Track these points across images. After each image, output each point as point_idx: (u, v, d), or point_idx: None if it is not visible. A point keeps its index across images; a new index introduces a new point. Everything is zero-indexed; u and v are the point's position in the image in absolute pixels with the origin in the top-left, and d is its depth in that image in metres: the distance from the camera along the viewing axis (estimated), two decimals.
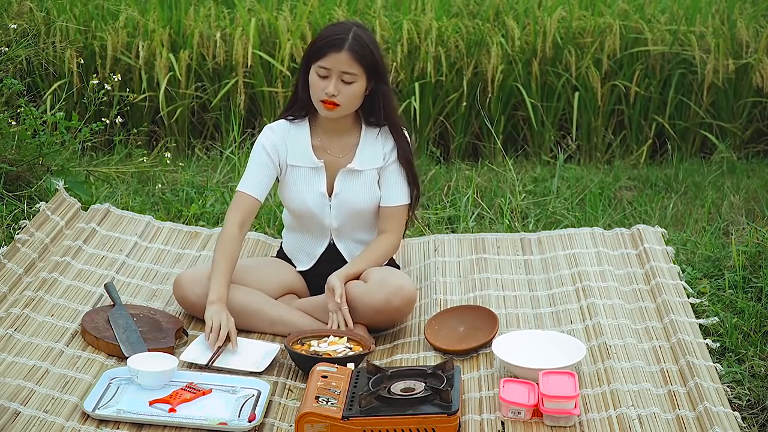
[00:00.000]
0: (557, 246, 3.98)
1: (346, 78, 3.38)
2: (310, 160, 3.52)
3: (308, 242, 3.60)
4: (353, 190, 3.52)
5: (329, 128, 3.52)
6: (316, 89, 3.41)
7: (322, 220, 3.54)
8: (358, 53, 3.38)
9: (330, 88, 3.38)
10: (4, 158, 4.26)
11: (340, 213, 3.53)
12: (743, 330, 3.50)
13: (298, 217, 3.57)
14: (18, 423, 2.89)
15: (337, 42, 3.37)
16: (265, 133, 3.54)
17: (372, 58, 3.40)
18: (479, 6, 6.29)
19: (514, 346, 3.23)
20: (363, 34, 3.41)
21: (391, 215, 3.54)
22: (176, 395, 3.06)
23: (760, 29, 6.10)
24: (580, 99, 6.02)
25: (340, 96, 3.40)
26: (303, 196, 3.52)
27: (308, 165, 3.52)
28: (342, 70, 3.37)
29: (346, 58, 3.37)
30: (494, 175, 5.39)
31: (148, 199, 4.75)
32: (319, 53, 3.39)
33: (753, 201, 5.14)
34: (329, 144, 3.53)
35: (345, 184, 3.52)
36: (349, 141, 3.54)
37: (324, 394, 2.95)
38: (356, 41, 3.38)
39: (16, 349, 3.22)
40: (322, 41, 3.39)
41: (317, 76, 3.40)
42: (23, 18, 5.52)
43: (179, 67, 5.79)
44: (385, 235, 3.54)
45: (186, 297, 3.50)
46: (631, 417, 2.93)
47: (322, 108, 3.43)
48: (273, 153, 3.51)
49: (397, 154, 3.53)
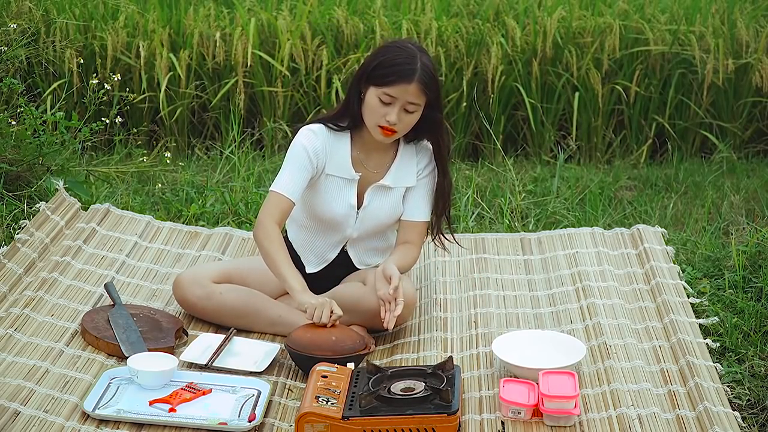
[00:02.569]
0: (557, 246, 3.98)
1: (410, 108, 3.32)
2: (347, 172, 3.46)
3: (322, 246, 3.57)
4: (381, 205, 3.50)
5: (371, 143, 3.47)
6: (375, 114, 3.33)
7: (344, 230, 3.51)
8: (427, 85, 3.30)
9: (392, 117, 3.31)
10: (4, 158, 4.26)
11: (364, 225, 3.51)
12: (743, 330, 3.50)
13: (320, 223, 3.53)
14: (18, 423, 2.89)
15: (408, 72, 3.28)
16: (306, 135, 3.43)
17: (437, 89, 3.35)
18: (479, 6, 6.29)
19: (514, 346, 3.23)
20: (429, 63, 3.32)
21: (413, 229, 3.52)
22: (176, 395, 3.06)
23: (760, 29, 6.10)
24: (580, 99, 6.02)
25: (400, 124, 3.34)
26: (332, 206, 3.47)
27: (345, 176, 3.46)
28: (408, 100, 3.30)
29: (415, 90, 3.29)
30: (494, 175, 5.39)
31: (148, 199, 4.75)
32: (386, 80, 3.29)
33: (753, 201, 5.14)
34: (366, 158, 3.49)
35: (374, 199, 3.49)
36: (385, 158, 3.50)
37: (324, 394, 2.95)
38: (425, 72, 3.30)
39: (16, 349, 3.22)
40: (391, 68, 3.29)
41: (379, 101, 3.32)
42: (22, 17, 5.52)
43: (179, 67, 5.79)
44: (410, 246, 3.50)
45: (186, 298, 3.50)
46: (631, 417, 2.93)
47: (378, 133, 3.36)
48: (314, 157, 3.42)
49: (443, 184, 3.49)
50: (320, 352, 3.21)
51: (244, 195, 4.70)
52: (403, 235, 3.53)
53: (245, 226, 4.37)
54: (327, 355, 3.20)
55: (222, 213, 4.55)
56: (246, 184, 4.85)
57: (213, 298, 3.47)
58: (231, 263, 3.63)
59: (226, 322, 3.48)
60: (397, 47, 3.35)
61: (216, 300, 3.47)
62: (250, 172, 5.07)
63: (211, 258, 3.92)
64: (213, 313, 3.48)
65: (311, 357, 3.19)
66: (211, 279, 3.50)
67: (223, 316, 3.48)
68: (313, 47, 5.94)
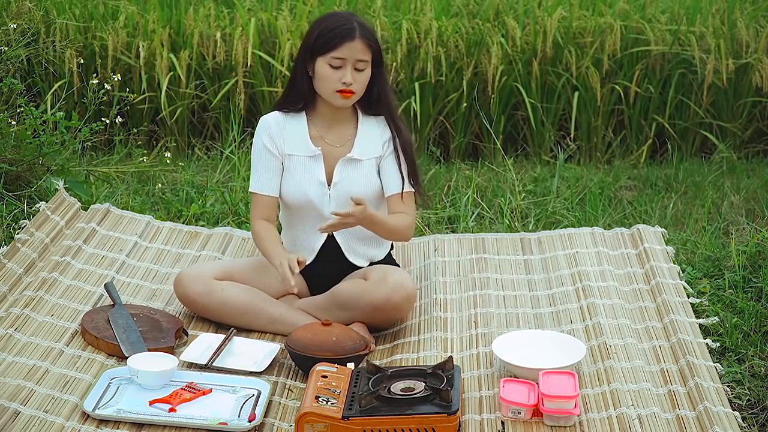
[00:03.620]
0: (557, 246, 3.98)
1: (360, 66, 3.42)
2: (307, 148, 3.52)
3: (307, 236, 3.57)
4: (353, 179, 3.52)
5: (328, 118, 3.53)
6: (330, 81, 3.42)
7: (321, 211, 3.52)
8: (369, 40, 3.42)
9: (348, 77, 3.40)
10: (4, 158, 4.26)
11: (340, 203, 3.51)
12: (743, 330, 3.50)
13: (297, 209, 3.55)
14: (18, 423, 2.89)
15: (349, 31, 3.40)
16: (260, 126, 3.55)
17: (377, 45, 3.46)
18: (479, 6, 6.28)
19: (514, 346, 3.23)
20: (364, 21, 3.47)
21: (399, 201, 3.53)
22: (176, 395, 3.06)
23: (760, 29, 6.10)
24: (580, 99, 6.02)
25: (355, 84, 3.42)
26: (302, 186, 3.51)
27: (306, 154, 3.52)
28: (357, 58, 3.40)
29: (360, 45, 3.40)
30: (494, 175, 5.39)
31: (148, 199, 4.75)
32: (331, 45, 3.40)
33: (753, 201, 5.14)
34: (326, 133, 3.54)
35: (345, 173, 3.52)
36: (346, 131, 3.55)
37: (324, 394, 2.95)
38: (364, 28, 3.43)
39: (16, 349, 3.22)
40: (332, 33, 3.40)
41: (330, 67, 3.41)
42: (22, 17, 5.51)
43: (179, 67, 5.79)
44: (401, 214, 3.53)
45: (187, 294, 3.50)
46: (631, 417, 2.93)
47: (338, 98, 3.44)
48: (272, 146, 3.52)
49: (399, 141, 3.54)
50: (320, 352, 3.21)
51: (244, 195, 4.70)
52: (393, 209, 3.55)
53: (245, 226, 4.37)
54: (327, 355, 3.20)
55: (222, 213, 4.55)
56: (246, 184, 4.84)
57: (214, 295, 3.47)
58: (232, 262, 3.64)
59: (226, 319, 3.48)
60: (330, 16, 3.49)
61: (217, 297, 3.47)
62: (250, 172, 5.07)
63: (211, 258, 3.92)
64: (214, 309, 3.48)
65: (311, 357, 3.19)
66: (213, 276, 3.50)
67: (223, 313, 3.48)
68: None
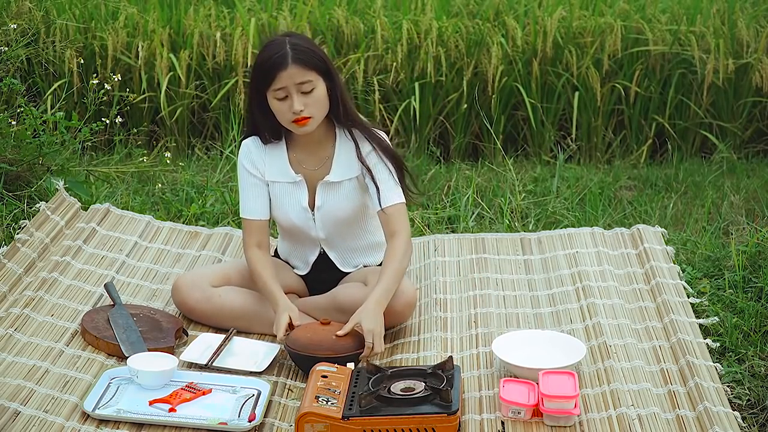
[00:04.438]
0: (557, 246, 3.98)
1: (305, 88, 3.31)
2: (288, 175, 3.49)
3: (300, 251, 3.60)
4: (334, 201, 3.49)
5: (304, 142, 3.48)
6: (282, 113, 3.35)
7: (308, 233, 3.53)
8: (303, 60, 3.30)
9: (296, 105, 3.31)
10: (4, 158, 4.26)
11: (325, 225, 3.51)
12: (743, 330, 3.50)
13: (286, 230, 3.57)
14: (18, 423, 2.89)
15: (280, 60, 3.29)
16: (243, 152, 3.50)
17: (318, 58, 3.33)
18: (479, 6, 6.29)
19: (514, 346, 3.23)
20: (299, 41, 3.34)
21: (391, 216, 3.44)
22: (176, 395, 3.06)
23: (760, 29, 6.10)
24: (580, 99, 6.02)
25: (308, 108, 3.33)
26: (287, 211, 3.50)
27: (287, 180, 3.49)
28: (297, 81, 3.30)
29: (295, 70, 3.30)
30: (494, 175, 5.39)
31: (148, 199, 4.75)
32: (268, 79, 3.31)
33: (753, 201, 5.14)
34: (305, 158, 3.49)
35: (326, 197, 3.48)
36: (323, 153, 3.49)
37: (324, 394, 2.95)
38: (296, 50, 3.30)
39: (16, 349, 3.22)
40: (265, 66, 3.31)
41: (276, 100, 3.34)
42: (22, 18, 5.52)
43: (179, 67, 5.79)
44: (394, 238, 3.42)
45: (185, 302, 3.50)
46: (631, 417, 2.93)
47: (296, 128, 3.36)
48: (254, 170, 3.48)
49: (376, 153, 3.45)
50: (321, 351, 3.21)
51: None
52: (386, 229, 3.46)
53: None
54: (327, 354, 3.20)
55: (222, 213, 4.56)
56: None
57: (212, 301, 3.47)
58: (230, 265, 3.63)
59: (225, 324, 3.48)
60: (265, 46, 3.37)
61: (215, 302, 3.47)
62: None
63: (211, 258, 3.92)
64: (212, 315, 3.48)
65: (311, 357, 3.19)
66: (210, 282, 3.50)
67: (222, 319, 3.48)
68: None
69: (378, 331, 3.24)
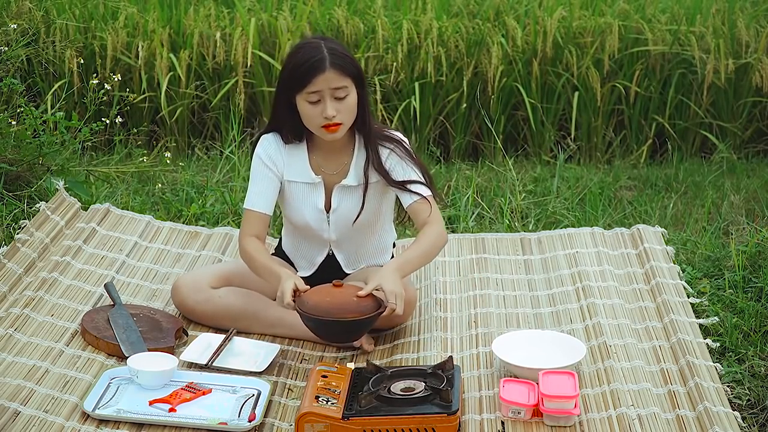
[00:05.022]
0: (557, 246, 3.98)
1: (339, 94, 3.29)
2: (308, 176, 3.46)
3: (308, 250, 3.59)
4: (349, 205, 3.47)
5: (326, 147, 3.45)
6: (312, 117, 3.31)
7: (320, 234, 3.52)
8: (341, 65, 3.28)
9: (329, 110, 3.28)
10: (4, 158, 4.26)
11: (339, 227, 3.50)
12: (743, 330, 3.50)
13: (298, 230, 3.55)
14: (18, 423, 2.89)
15: (318, 63, 3.26)
16: (261, 144, 3.46)
17: (354, 65, 3.32)
18: (479, 6, 6.29)
19: (514, 346, 3.23)
20: (336, 45, 3.32)
21: (421, 208, 3.40)
22: (176, 395, 3.06)
23: (760, 29, 6.10)
24: (580, 99, 6.02)
25: (340, 114, 3.30)
26: (302, 212, 3.48)
27: (306, 181, 3.46)
28: (333, 87, 3.27)
29: (333, 74, 3.27)
30: (494, 175, 5.39)
31: (148, 199, 4.75)
32: (303, 81, 3.27)
33: (753, 201, 5.14)
34: (324, 162, 3.47)
35: (341, 200, 3.47)
36: (342, 158, 3.47)
37: (324, 394, 2.95)
38: (334, 54, 3.28)
39: (16, 349, 3.22)
40: (302, 68, 3.27)
41: (308, 104, 3.30)
42: (22, 18, 5.52)
43: (179, 67, 5.79)
44: (429, 225, 3.39)
45: (184, 303, 3.49)
46: (631, 417, 2.93)
47: (324, 133, 3.33)
48: (272, 165, 3.45)
49: (396, 155, 3.44)
50: (348, 314, 3.14)
51: (244, 195, 4.70)
52: (418, 220, 3.43)
53: None
54: (354, 316, 3.14)
55: (222, 213, 4.56)
56: (246, 184, 4.85)
57: (212, 302, 3.46)
58: (230, 265, 3.62)
59: (225, 325, 3.48)
60: (299, 47, 3.33)
61: (215, 304, 3.46)
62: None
63: (212, 258, 3.92)
64: (212, 316, 3.48)
65: (337, 321, 3.12)
66: (210, 284, 3.49)
67: (222, 320, 3.48)
68: None
69: (399, 293, 3.19)
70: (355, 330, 3.22)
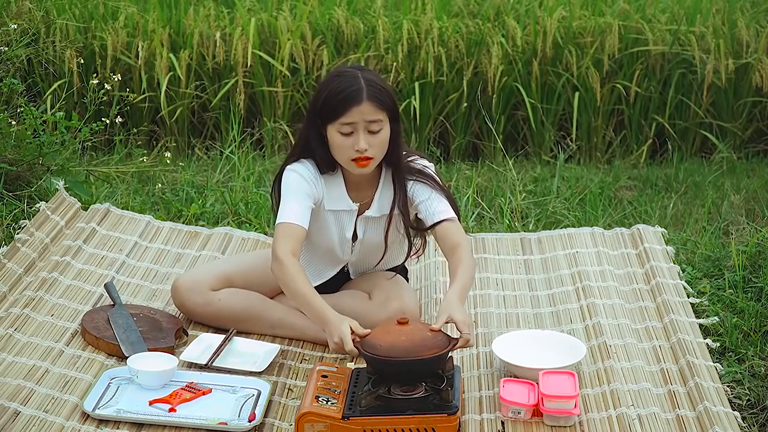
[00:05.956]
0: (557, 246, 3.98)
1: (373, 127, 3.18)
2: (346, 203, 3.36)
3: (322, 266, 3.52)
4: (373, 235, 3.41)
5: (354, 177, 3.34)
6: (343, 149, 3.20)
7: (342, 257, 3.47)
8: (379, 98, 3.17)
9: (361, 143, 3.17)
10: (4, 158, 4.26)
11: (361, 252, 3.47)
12: (743, 330, 3.50)
13: (318, 249, 3.47)
14: (18, 423, 2.89)
15: (355, 94, 3.15)
16: (299, 166, 3.30)
17: (391, 99, 3.21)
18: (479, 6, 6.29)
19: (514, 346, 3.23)
20: (373, 77, 3.20)
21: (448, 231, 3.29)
22: (176, 395, 3.06)
23: (760, 29, 6.10)
24: (580, 99, 6.02)
25: (372, 149, 3.19)
26: (330, 238, 3.40)
27: (344, 208, 3.36)
28: (367, 119, 3.16)
29: (369, 107, 3.16)
30: (494, 174, 5.39)
31: (148, 199, 4.75)
32: (338, 111, 3.16)
33: (753, 201, 5.14)
34: (354, 192, 3.38)
35: (366, 230, 3.41)
36: (368, 190, 3.37)
37: (324, 394, 2.95)
38: (371, 86, 3.17)
39: (16, 349, 3.22)
40: (337, 98, 3.16)
41: (340, 134, 3.19)
42: (22, 18, 5.52)
43: (179, 67, 5.79)
44: (457, 250, 3.24)
45: (184, 304, 3.49)
46: (631, 417, 2.93)
47: (353, 167, 3.22)
48: (312, 185, 3.30)
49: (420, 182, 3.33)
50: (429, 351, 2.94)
51: (244, 195, 4.70)
52: (444, 245, 3.31)
53: (245, 226, 4.37)
54: (435, 352, 2.94)
55: (222, 213, 4.55)
56: (246, 184, 4.85)
57: (212, 305, 3.46)
58: (230, 265, 3.59)
59: (226, 326, 3.47)
60: (336, 76, 3.22)
61: (215, 306, 3.46)
62: (251, 172, 5.07)
63: (211, 258, 3.92)
64: (213, 318, 3.48)
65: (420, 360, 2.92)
66: (210, 286, 3.47)
67: (222, 321, 3.47)
68: (313, 47, 5.94)
69: (470, 323, 3.08)
70: (435, 366, 2.99)
